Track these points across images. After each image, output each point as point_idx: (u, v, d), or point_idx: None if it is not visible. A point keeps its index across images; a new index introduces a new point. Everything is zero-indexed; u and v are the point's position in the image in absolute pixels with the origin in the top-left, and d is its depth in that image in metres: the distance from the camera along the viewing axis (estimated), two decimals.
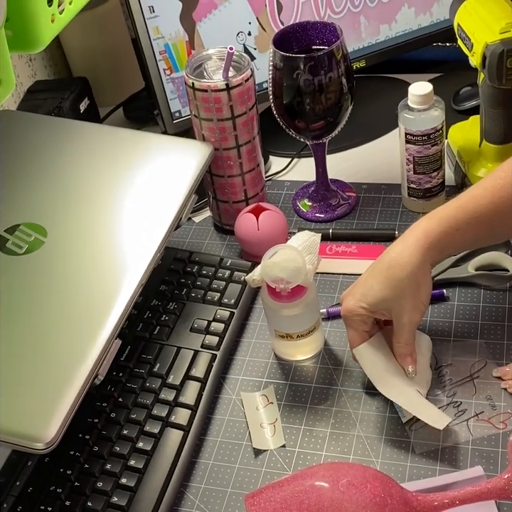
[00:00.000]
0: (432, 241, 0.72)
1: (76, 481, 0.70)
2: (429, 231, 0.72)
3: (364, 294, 0.73)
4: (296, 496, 0.61)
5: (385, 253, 0.74)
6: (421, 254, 0.71)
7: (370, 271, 0.74)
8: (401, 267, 0.71)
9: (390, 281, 0.71)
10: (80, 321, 0.71)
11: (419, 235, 0.72)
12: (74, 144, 0.90)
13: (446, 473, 0.68)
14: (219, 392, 0.80)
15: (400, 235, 0.75)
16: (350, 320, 0.74)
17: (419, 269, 0.71)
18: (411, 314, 0.72)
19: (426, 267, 0.72)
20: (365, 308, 0.73)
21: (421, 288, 0.71)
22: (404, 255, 0.71)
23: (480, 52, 0.84)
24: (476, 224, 0.72)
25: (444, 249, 0.73)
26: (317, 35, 0.89)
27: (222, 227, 0.99)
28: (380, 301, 0.72)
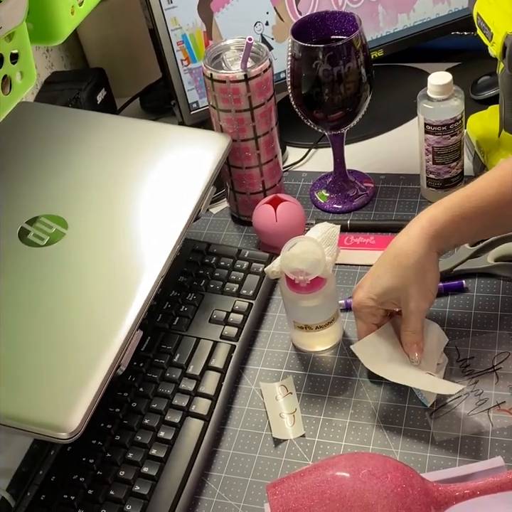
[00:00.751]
0: (437, 229, 0.72)
1: (98, 469, 0.71)
2: (434, 219, 0.72)
3: (372, 285, 0.73)
4: (317, 486, 0.61)
5: (392, 244, 0.74)
6: (426, 242, 0.71)
7: (378, 262, 0.75)
8: (407, 256, 0.71)
9: (396, 270, 0.72)
10: (102, 311, 0.71)
11: (424, 224, 0.72)
12: (92, 136, 0.91)
13: (466, 463, 0.69)
14: (238, 383, 0.80)
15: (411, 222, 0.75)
16: (360, 312, 0.74)
17: (425, 257, 0.71)
18: (418, 302, 0.72)
19: (432, 255, 0.72)
20: (373, 300, 0.73)
21: (427, 275, 0.72)
22: (409, 244, 0.72)
23: (500, 42, 0.83)
24: (483, 213, 0.72)
25: (449, 237, 0.73)
26: (336, 25, 0.89)
27: (239, 218, 0.99)
28: (387, 290, 0.72)
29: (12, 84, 0.68)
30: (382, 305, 0.74)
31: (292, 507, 0.61)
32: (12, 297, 0.72)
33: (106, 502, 0.69)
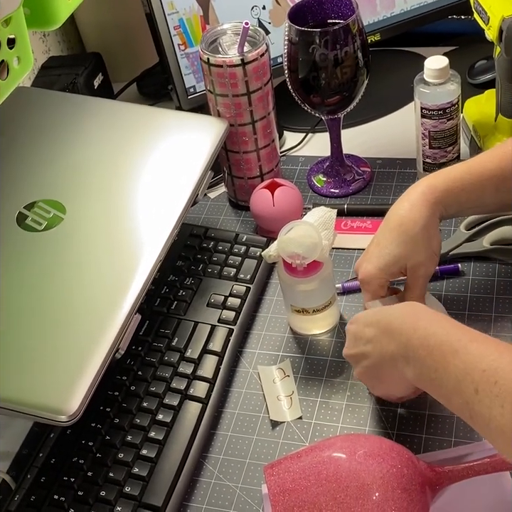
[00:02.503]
0: (437, 196, 0.72)
1: (98, 452, 0.72)
2: (434, 187, 0.73)
3: (380, 256, 0.72)
4: (314, 467, 0.62)
5: (392, 213, 0.74)
6: (429, 208, 0.72)
7: (381, 233, 0.74)
8: (414, 223, 0.71)
9: (403, 237, 0.72)
10: (100, 295, 0.72)
11: (425, 190, 0.73)
12: (90, 121, 0.91)
13: (461, 444, 0.70)
14: (236, 366, 0.81)
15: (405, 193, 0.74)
16: (369, 285, 0.73)
17: (430, 223, 0.72)
18: (427, 266, 0.73)
19: (435, 220, 0.73)
20: (383, 271, 0.72)
21: (433, 240, 0.73)
22: (414, 211, 0.72)
23: (496, 26, 0.83)
24: (482, 186, 0.73)
25: (448, 206, 0.73)
26: (332, 8, 0.89)
27: (237, 203, 0.99)
28: (396, 258, 0.72)
29: (9, 69, 0.68)
30: (391, 275, 0.73)
31: (289, 487, 0.61)
32: (10, 282, 0.73)
33: (105, 484, 0.70)
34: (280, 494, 0.61)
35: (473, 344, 0.57)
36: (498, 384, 0.53)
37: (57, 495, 0.69)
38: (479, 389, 0.54)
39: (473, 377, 0.55)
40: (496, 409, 0.52)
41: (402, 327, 0.62)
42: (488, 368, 0.54)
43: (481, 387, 0.54)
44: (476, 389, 0.54)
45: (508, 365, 0.53)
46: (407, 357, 0.61)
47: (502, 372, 0.53)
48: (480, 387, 0.54)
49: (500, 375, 0.53)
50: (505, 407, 0.52)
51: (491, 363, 0.54)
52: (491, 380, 0.53)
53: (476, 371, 0.55)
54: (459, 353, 0.57)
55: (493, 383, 0.53)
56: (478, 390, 0.54)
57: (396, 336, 0.63)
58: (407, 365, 0.61)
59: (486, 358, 0.55)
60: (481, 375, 0.54)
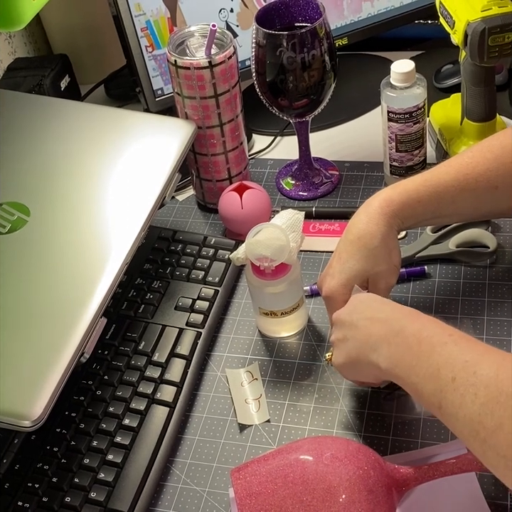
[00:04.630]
0: (394, 209, 0.73)
1: (63, 457, 0.71)
2: (390, 200, 0.73)
3: (341, 271, 0.73)
4: (281, 470, 0.62)
5: (352, 226, 0.74)
6: (386, 221, 0.72)
7: (341, 247, 0.74)
8: (371, 236, 0.72)
9: (363, 252, 0.72)
10: (65, 299, 0.71)
11: (382, 203, 0.73)
12: (56, 123, 0.90)
13: (428, 446, 0.70)
14: (204, 369, 0.80)
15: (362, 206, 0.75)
16: (333, 301, 0.73)
17: (388, 235, 0.72)
18: (387, 279, 0.73)
19: (393, 233, 0.73)
20: (346, 287, 0.73)
21: (392, 253, 0.73)
22: (371, 224, 0.73)
23: (462, 30, 0.84)
24: (438, 198, 0.73)
25: (405, 219, 0.74)
26: (299, 12, 0.89)
27: (205, 205, 0.99)
28: (358, 273, 0.72)
29: None
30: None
31: (256, 491, 0.61)
32: None
33: (70, 490, 0.69)
34: (247, 498, 0.61)
35: (463, 340, 0.58)
36: (477, 374, 0.54)
37: (21, 501, 0.68)
38: (457, 377, 0.55)
39: (453, 366, 0.55)
40: (468, 397, 0.53)
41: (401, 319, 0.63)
42: (470, 359, 0.55)
43: (459, 376, 0.55)
44: (453, 377, 0.55)
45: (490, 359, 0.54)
46: (391, 343, 0.61)
47: (482, 364, 0.54)
48: (458, 375, 0.55)
49: (480, 365, 0.54)
50: (478, 395, 0.53)
51: (475, 356, 0.55)
52: (471, 369, 0.54)
53: (458, 361, 0.56)
54: (447, 344, 0.58)
55: (472, 373, 0.54)
56: (456, 378, 0.55)
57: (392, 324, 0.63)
58: (387, 350, 0.62)
59: (471, 351, 0.56)
60: (462, 365, 0.55)
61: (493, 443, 0.51)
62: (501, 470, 0.52)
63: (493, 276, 0.83)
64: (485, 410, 0.52)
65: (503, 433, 0.50)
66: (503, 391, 0.51)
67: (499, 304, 0.80)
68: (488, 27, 0.81)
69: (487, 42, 0.82)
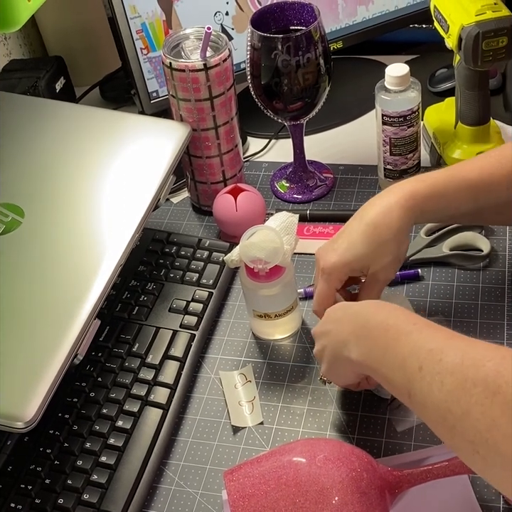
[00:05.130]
0: (417, 202, 0.72)
1: (56, 459, 0.71)
2: (416, 192, 0.72)
3: (347, 250, 0.72)
4: (274, 472, 0.62)
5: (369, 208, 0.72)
6: (406, 215, 0.71)
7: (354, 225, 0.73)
8: (387, 227, 0.71)
9: (375, 240, 0.71)
10: (59, 301, 0.71)
11: (406, 195, 0.72)
12: (51, 124, 0.90)
13: (420, 448, 0.70)
14: (198, 372, 0.80)
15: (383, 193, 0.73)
16: (330, 275, 0.72)
17: (404, 230, 0.72)
18: (388, 272, 0.73)
19: (409, 228, 0.73)
20: (346, 266, 0.72)
21: (402, 246, 0.73)
22: (390, 216, 0.71)
23: (456, 34, 0.84)
24: (462, 193, 0.72)
25: (426, 212, 0.73)
26: (295, 15, 0.89)
27: (200, 208, 0.99)
28: (362, 257, 0.72)
29: None
30: (352, 271, 0.73)
31: (249, 492, 0.61)
32: None
33: (63, 491, 0.69)
34: (240, 499, 0.61)
35: (427, 328, 0.58)
36: (442, 362, 0.54)
37: (14, 503, 0.68)
38: (423, 366, 0.55)
39: (419, 356, 0.56)
40: (435, 385, 0.53)
41: (367, 312, 0.64)
42: (435, 347, 0.55)
43: (425, 365, 0.55)
44: (420, 366, 0.55)
45: (455, 346, 0.54)
46: (359, 336, 0.62)
47: (447, 351, 0.54)
48: (424, 364, 0.55)
49: (445, 353, 0.54)
50: (444, 383, 0.53)
51: (438, 344, 0.55)
52: (436, 358, 0.54)
53: (423, 350, 0.56)
54: (411, 333, 0.58)
55: (438, 361, 0.54)
56: (422, 367, 0.55)
57: (358, 318, 0.64)
58: (356, 344, 0.63)
59: (436, 339, 0.56)
60: (427, 354, 0.55)
61: (460, 429, 0.52)
62: (469, 455, 0.52)
63: (486, 280, 0.84)
64: (451, 397, 0.52)
65: (469, 419, 0.51)
66: (469, 377, 0.51)
67: (492, 307, 0.81)
68: (482, 31, 0.82)
69: (481, 46, 0.82)
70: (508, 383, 0.49)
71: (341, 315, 0.67)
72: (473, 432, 0.51)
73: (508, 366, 0.50)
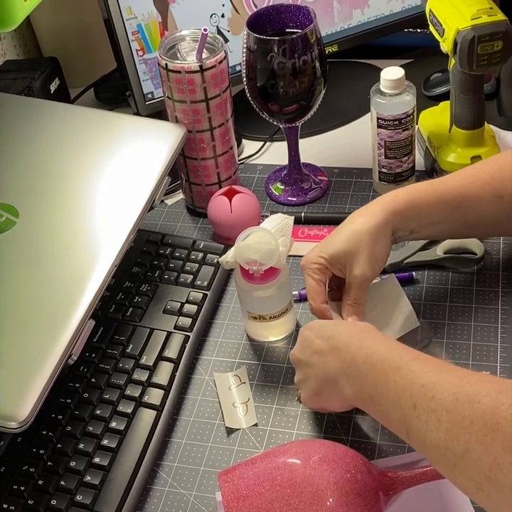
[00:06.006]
0: (397, 206, 0.73)
1: (49, 460, 0.70)
2: (395, 197, 0.74)
3: (325, 246, 0.74)
4: (268, 473, 0.62)
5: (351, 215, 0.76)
6: (384, 215, 0.73)
7: (335, 230, 0.76)
8: (363, 222, 0.73)
9: (350, 235, 0.73)
10: (53, 301, 0.71)
11: (386, 199, 0.74)
12: (46, 125, 0.90)
13: (414, 450, 0.70)
14: (192, 373, 0.80)
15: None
16: (308, 268, 0.74)
17: (380, 228, 0.73)
18: (363, 268, 0.72)
19: (386, 229, 0.73)
20: (323, 258, 0.73)
21: (377, 246, 0.73)
22: (368, 215, 0.73)
23: (451, 38, 0.85)
24: (444, 202, 0.74)
25: (409, 218, 0.74)
26: (291, 18, 0.89)
27: (195, 209, 0.99)
28: (337, 251, 0.73)
29: None
30: (331, 266, 0.74)
31: (243, 494, 0.61)
32: None
33: (56, 492, 0.68)
34: (234, 501, 0.61)
35: (414, 362, 0.57)
36: (435, 399, 0.53)
37: (6, 504, 0.68)
38: (417, 404, 0.54)
39: (411, 393, 0.55)
40: (432, 424, 0.53)
41: (348, 346, 0.63)
42: (426, 383, 0.54)
43: (418, 402, 0.54)
44: (414, 404, 0.54)
45: (445, 381, 0.54)
46: (348, 374, 0.62)
47: (439, 387, 0.53)
48: (418, 402, 0.54)
49: (437, 389, 0.53)
50: (441, 421, 0.52)
51: (429, 379, 0.55)
52: (429, 394, 0.54)
53: (414, 386, 0.55)
54: (399, 369, 0.57)
55: (431, 398, 0.53)
56: (416, 405, 0.54)
57: (342, 354, 0.64)
58: (347, 382, 0.63)
59: (426, 374, 0.55)
60: (419, 390, 0.54)
61: (462, 468, 0.51)
62: (474, 493, 0.51)
63: (480, 283, 0.84)
64: (451, 436, 0.51)
65: (471, 458, 0.50)
66: (465, 416, 0.51)
67: (486, 310, 0.81)
68: (477, 35, 0.82)
69: (476, 50, 0.83)
70: (507, 419, 0.48)
71: (322, 346, 0.66)
72: (476, 471, 0.50)
73: (505, 401, 0.49)
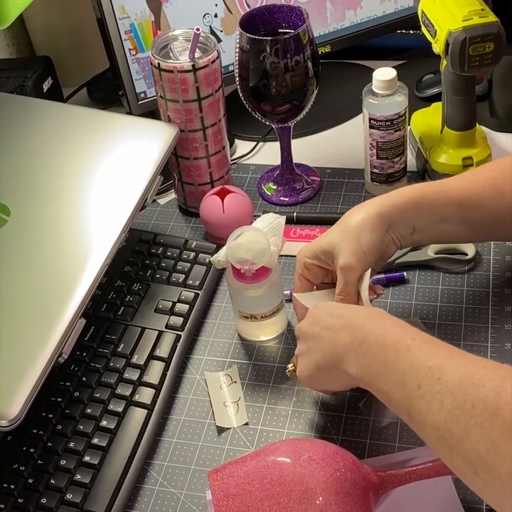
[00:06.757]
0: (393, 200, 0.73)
1: (39, 459, 0.70)
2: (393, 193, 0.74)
3: (318, 240, 0.74)
4: (258, 471, 0.62)
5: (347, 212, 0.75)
6: (378, 206, 0.72)
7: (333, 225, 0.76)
8: (354, 216, 0.73)
9: (340, 228, 0.73)
10: (44, 299, 0.71)
11: (382, 196, 0.74)
12: (38, 123, 0.89)
13: (405, 449, 0.70)
14: (183, 372, 0.80)
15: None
16: (298, 262, 0.74)
17: (371, 220, 0.71)
18: (347, 257, 0.70)
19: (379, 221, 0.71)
20: (314, 253, 0.73)
21: (365, 237, 0.71)
22: (361, 208, 0.73)
23: (443, 39, 0.85)
24: (445, 198, 0.73)
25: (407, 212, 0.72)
26: (283, 18, 0.90)
27: (187, 209, 0.99)
28: (326, 242, 0.73)
29: None
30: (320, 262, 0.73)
31: (233, 492, 0.61)
32: None
33: (46, 491, 0.68)
34: (224, 499, 0.61)
35: (426, 345, 0.58)
36: (441, 380, 0.53)
37: None
38: (422, 384, 0.55)
39: (418, 373, 0.55)
40: (434, 404, 0.53)
41: (363, 325, 0.63)
42: (434, 365, 0.55)
43: (424, 383, 0.55)
44: (419, 384, 0.55)
45: (454, 364, 0.54)
46: (358, 352, 0.62)
47: (446, 370, 0.54)
48: (423, 382, 0.55)
49: (444, 372, 0.54)
50: (444, 402, 0.52)
51: (437, 362, 0.55)
52: (435, 376, 0.54)
53: (422, 367, 0.55)
54: (410, 350, 0.57)
55: (436, 379, 0.54)
56: (421, 385, 0.55)
57: (355, 332, 0.63)
58: (355, 358, 0.62)
59: (435, 356, 0.56)
60: (426, 372, 0.55)
61: (460, 450, 0.51)
62: (469, 477, 0.52)
63: (470, 283, 0.84)
64: (451, 418, 0.52)
65: (469, 440, 0.50)
66: (468, 399, 0.51)
67: (477, 311, 0.81)
68: (469, 36, 0.82)
69: (468, 51, 0.83)
70: (508, 405, 0.49)
71: (335, 323, 0.65)
72: (473, 454, 0.50)
73: (507, 387, 0.50)
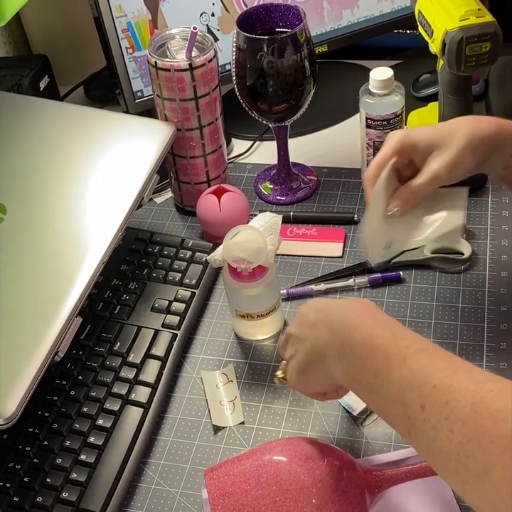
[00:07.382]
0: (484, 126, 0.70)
1: (35, 457, 0.70)
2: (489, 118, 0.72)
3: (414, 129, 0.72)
4: (254, 470, 0.62)
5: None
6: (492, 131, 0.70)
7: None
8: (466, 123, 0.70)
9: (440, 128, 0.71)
10: (40, 298, 0.70)
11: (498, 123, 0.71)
12: (35, 122, 0.89)
13: (400, 448, 0.70)
14: (179, 371, 0.80)
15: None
16: (392, 139, 0.71)
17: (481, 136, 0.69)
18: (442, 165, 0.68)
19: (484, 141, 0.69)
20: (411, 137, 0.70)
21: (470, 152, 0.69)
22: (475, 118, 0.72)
23: (440, 39, 0.85)
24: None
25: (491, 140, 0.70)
26: (280, 17, 0.90)
27: (183, 208, 0.99)
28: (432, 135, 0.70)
29: None
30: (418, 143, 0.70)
31: (229, 491, 0.61)
32: None
33: (42, 489, 0.68)
34: (220, 498, 0.61)
35: (423, 354, 0.52)
36: (449, 405, 0.47)
37: None
38: (426, 406, 0.49)
39: (420, 392, 0.49)
40: (443, 432, 0.47)
41: (344, 319, 0.57)
42: (439, 384, 0.49)
43: (428, 404, 0.49)
44: (422, 405, 0.49)
45: (462, 386, 0.48)
46: (341, 353, 0.56)
47: (455, 393, 0.47)
48: (427, 403, 0.49)
49: (452, 395, 0.47)
50: (455, 432, 0.46)
51: (443, 380, 0.49)
52: (442, 398, 0.48)
53: (425, 386, 0.49)
54: (406, 361, 0.51)
55: (444, 403, 0.48)
56: (425, 407, 0.49)
57: (335, 327, 0.57)
58: (338, 361, 0.57)
59: (439, 372, 0.49)
60: (430, 391, 0.49)
61: (476, 486, 0.45)
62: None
63: (466, 283, 0.84)
64: (465, 452, 0.45)
65: (489, 479, 0.44)
66: (486, 433, 0.45)
67: (473, 310, 0.81)
68: (465, 36, 0.82)
69: (464, 51, 0.83)
70: None
71: (317, 318, 0.60)
72: (493, 494, 0.44)
73: None
